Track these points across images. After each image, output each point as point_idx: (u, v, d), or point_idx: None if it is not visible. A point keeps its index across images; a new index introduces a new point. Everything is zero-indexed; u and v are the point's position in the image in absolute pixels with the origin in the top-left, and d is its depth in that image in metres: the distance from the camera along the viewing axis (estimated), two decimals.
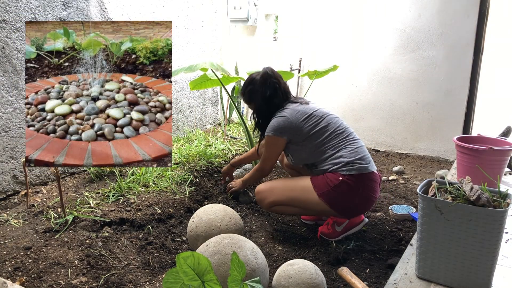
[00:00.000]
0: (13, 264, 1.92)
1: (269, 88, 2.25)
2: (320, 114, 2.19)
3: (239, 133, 4.45)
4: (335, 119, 2.21)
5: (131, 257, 2.03)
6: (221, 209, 2.07)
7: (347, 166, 2.06)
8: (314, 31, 4.26)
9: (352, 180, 2.04)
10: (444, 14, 3.60)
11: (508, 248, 1.99)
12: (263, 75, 2.28)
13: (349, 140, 2.15)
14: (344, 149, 2.11)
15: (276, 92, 2.25)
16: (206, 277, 1.19)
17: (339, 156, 2.09)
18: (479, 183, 1.70)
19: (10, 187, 2.71)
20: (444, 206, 1.58)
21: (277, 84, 2.26)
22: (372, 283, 1.84)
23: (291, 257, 2.04)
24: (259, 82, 2.27)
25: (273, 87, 2.25)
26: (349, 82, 4.15)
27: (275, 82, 2.26)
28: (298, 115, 2.16)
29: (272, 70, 2.32)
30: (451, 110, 3.73)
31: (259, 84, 2.27)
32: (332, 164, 2.10)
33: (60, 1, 2.90)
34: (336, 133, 2.15)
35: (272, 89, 2.25)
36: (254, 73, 2.35)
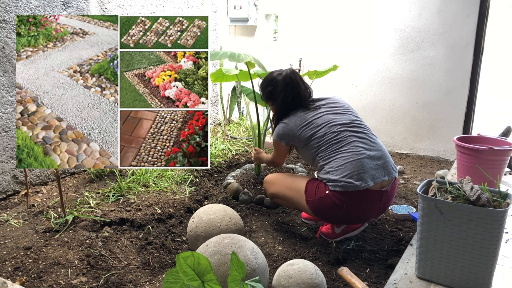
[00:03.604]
0: (13, 264, 1.92)
1: (291, 94, 2.22)
2: (320, 122, 2.10)
3: (239, 133, 4.45)
4: (335, 127, 2.07)
5: (131, 257, 2.03)
6: (221, 209, 2.07)
7: (332, 182, 1.98)
8: (314, 31, 4.25)
9: (336, 196, 1.96)
10: (444, 14, 3.60)
11: (508, 248, 1.99)
12: (285, 78, 2.24)
13: (342, 152, 2.00)
14: (333, 162, 2.00)
15: (296, 98, 2.23)
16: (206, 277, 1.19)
17: (327, 170, 2.02)
18: (479, 183, 1.69)
19: (10, 187, 2.71)
20: (444, 206, 1.58)
21: (298, 89, 2.23)
22: (372, 283, 1.84)
23: (291, 257, 2.04)
24: (281, 85, 2.24)
25: (294, 93, 2.22)
26: (349, 82, 4.15)
27: (296, 87, 2.23)
28: (298, 122, 2.14)
29: (295, 73, 2.26)
30: (451, 110, 3.73)
31: (281, 88, 2.23)
32: (322, 175, 2.05)
33: (60, 1, 2.90)
34: (330, 143, 2.04)
35: (293, 95, 2.22)
36: (276, 72, 2.31)
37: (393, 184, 2.06)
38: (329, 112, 2.14)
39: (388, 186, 2.02)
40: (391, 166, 2.05)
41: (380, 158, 2.02)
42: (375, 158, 2.00)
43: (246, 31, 4.81)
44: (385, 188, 2.00)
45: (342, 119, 2.11)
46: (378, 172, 1.98)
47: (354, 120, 2.13)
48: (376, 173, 1.97)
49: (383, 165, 2.01)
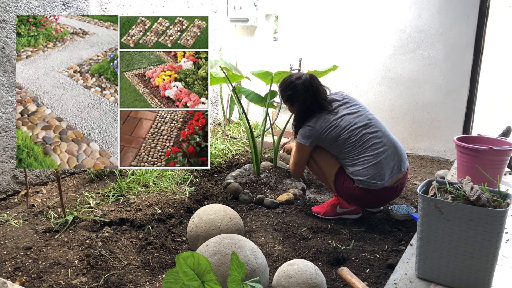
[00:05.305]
0: (13, 264, 1.92)
1: (310, 98, 2.38)
2: (343, 125, 2.32)
3: (239, 133, 4.45)
4: (357, 130, 2.30)
5: (131, 257, 2.03)
6: (221, 209, 2.07)
7: (358, 182, 2.30)
8: (314, 31, 4.25)
9: (360, 191, 2.31)
10: (444, 14, 3.60)
11: (508, 248, 1.99)
12: (304, 83, 2.39)
13: (365, 156, 2.28)
14: (358, 165, 2.30)
15: (315, 102, 2.38)
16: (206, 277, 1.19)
17: (353, 172, 2.32)
18: (479, 183, 1.69)
19: (10, 187, 2.71)
20: (444, 206, 1.58)
21: (317, 93, 2.39)
22: (372, 283, 1.84)
23: (291, 257, 2.04)
24: (300, 90, 2.39)
25: (314, 97, 2.38)
26: (349, 82, 4.15)
27: (316, 92, 2.39)
28: (323, 125, 2.34)
29: (313, 78, 2.42)
30: (451, 110, 3.73)
31: (301, 92, 2.39)
32: (348, 174, 2.36)
33: (60, 1, 2.90)
34: (353, 146, 2.31)
35: (312, 99, 2.38)
36: (294, 76, 2.46)
37: (406, 174, 2.41)
38: (348, 113, 2.36)
39: (402, 178, 2.37)
40: (404, 157, 2.39)
41: (396, 154, 2.33)
42: (392, 155, 2.31)
43: (246, 31, 4.81)
44: (400, 181, 2.36)
45: (361, 120, 2.35)
46: (395, 168, 2.31)
47: (371, 120, 2.37)
48: (393, 170, 2.31)
49: (399, 159, 2.34)
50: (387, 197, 2.41)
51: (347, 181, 2.36)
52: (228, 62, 3.05)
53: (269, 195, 2.77)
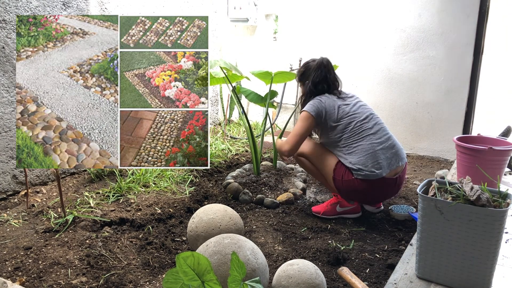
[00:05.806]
0: (13, 264, 1.92)
1: (320, 75, 2.52)
2: (347, 110, 2.41)
3: (239, 133, 4.45)
4: (358, 118, 2.39)
5: (131, 257, 2.03)
6: (221, 209, 2.07)
7: (354, 171, 2.32)
8: (314, 31, 4.25)
9: (359, 182, 2.32)
10: (444, 14, 3.60)
11: (508, 248, 1.99)
12: (318, 63, 2.56)
13: (365, 143, 2.34)
14: (356, 154, 2.34)
15: (324, 80, 2.52)
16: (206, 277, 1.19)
17: (351, 161, 2.34)
18: (479, 183, 1.69)
19: (10, 187, 2.71)
20: (444, 206, 1.58)
21: (327, 74, 2.53)
22: (372, 283, 1.84)
23: (291, 257, 2.04)
24: (313, 67, 2.56)
25: (324, 75, 2.52)
26: (349, 82, 4.14)
27: (326, 71, 2.53)
28: (331, 103, 2.43)
29: (328, 61, 2.57)
30: (451, 110, 3.73)
31: (313, 69, 2.56)
32: (347, 164, 2.35)
33: (60, 1, 2.90)
34: (352, 133, 2.37)
35: (322, 76, 2.52)
36: (311, 60, 2.65)
37: (404, 169, 2.44)
38: (353, 104, 2.46)
39: (401, 172, 2.40)
40: (402, 153, 2.43)
41: (393, 147, 2.38)
42: (389, 147, 2.36)
43: (246, 31, 4.81)
44: (398, 174, 2.39)
45: (364, 112, 2.43)
46: (393, 160, 2.35)
47: (373, 114, 2.46)
48: (391, 161, 2.34)
49: (396, 152, 2.38)
50: (387, 190, 2.40)
51: (346, 174, 2.36)
52: (228, 62, 3.05)
53: (269, 195, 2.77)
